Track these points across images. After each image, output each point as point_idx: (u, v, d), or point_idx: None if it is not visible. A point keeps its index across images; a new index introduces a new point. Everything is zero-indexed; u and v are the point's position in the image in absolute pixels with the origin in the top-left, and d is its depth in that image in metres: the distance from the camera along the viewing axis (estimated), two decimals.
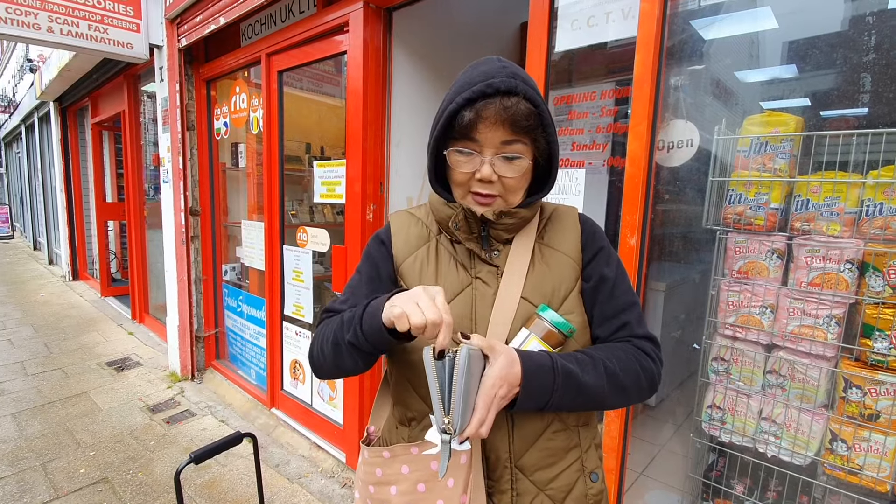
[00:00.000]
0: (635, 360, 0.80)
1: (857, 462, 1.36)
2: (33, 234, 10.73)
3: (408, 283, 0.87)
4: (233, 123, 3.41)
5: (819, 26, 1.61)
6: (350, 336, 0.76)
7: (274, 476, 2.58)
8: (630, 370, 0.79)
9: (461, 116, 0.75)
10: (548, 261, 0.85)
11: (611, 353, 0.80)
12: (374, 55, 2.29)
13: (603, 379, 0.76)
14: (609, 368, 0.77)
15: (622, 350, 0.81)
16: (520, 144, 0.77)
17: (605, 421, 1.59)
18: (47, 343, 4.58)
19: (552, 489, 0.83)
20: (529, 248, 0.85)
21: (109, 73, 4.94)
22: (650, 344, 0.85)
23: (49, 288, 6.91)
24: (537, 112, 0.76)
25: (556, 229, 0.89)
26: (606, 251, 0.88)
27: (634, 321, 0.85)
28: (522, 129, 0.76)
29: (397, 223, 0.93)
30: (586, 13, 1.61)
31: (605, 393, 0.76)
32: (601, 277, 0.85)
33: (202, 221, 3.73)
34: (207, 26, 3.13)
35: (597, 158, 2.36)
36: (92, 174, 6.36)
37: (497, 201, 0.82)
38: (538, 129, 0.77)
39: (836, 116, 1.55)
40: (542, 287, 0.83)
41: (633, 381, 0.79)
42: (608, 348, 0.81)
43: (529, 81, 0.77)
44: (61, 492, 2.42)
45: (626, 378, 0.78)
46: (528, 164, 0.79)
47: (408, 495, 0.81)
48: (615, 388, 0.77)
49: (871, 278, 1.33)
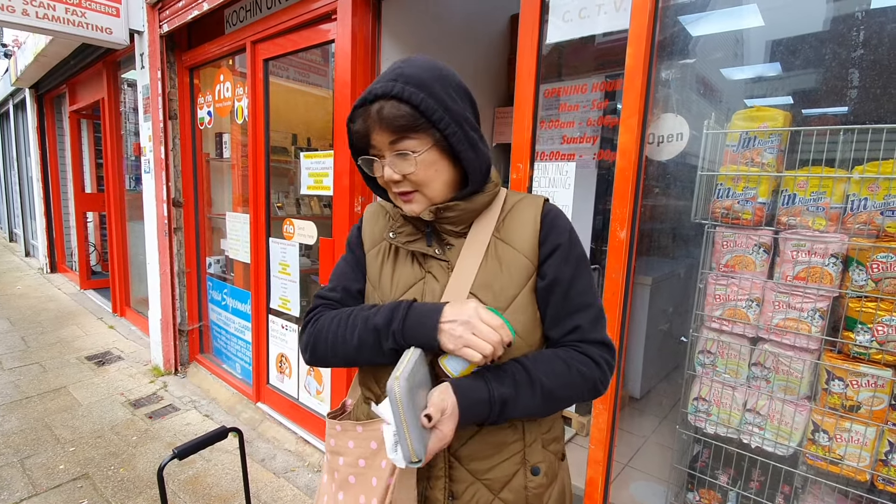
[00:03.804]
0: (577, 373, 0.79)
1: (839, 452, 1.39)
2: (9, 226, 10.42)
3: (369, 274, 0.93)
4: (217, 113, 3.34)
5: (804, 24, 1.62)
6: (390, 343, 0.78)
7: (260, 471, 2.55)
8: (568, 384, 0.79)
9: (353, 128, 0.81)
10: (501, 256, 0.83)
11: (550, 367, 0.79)
12: (363, 44, 2.25)
13: (538, 398, 0.77)
14: (545, 387, 0.77)
15: (564, 361, 0.80)
16: (409, 141, 0.77)
17: (594, 413, 1.60)
18: (24, 337, 4.46)
19: (489, 479, 0.84)
20: (485, 242, 0.84)
21: (88, 60, 4.79)
22: (600, 349, 0.83)
23: (26, 280, 6.72)
24: (413, 109, 0.74)
25: (515, 222, 0.85)
26: (565, 249, 0.82)
27: (587, 324, 0.83)
28: (402, 128, 0.76)
29: (368, 214, 0.99)
30: (578, 5, 1.60)
31: (539, 410, 0.79)
32: (555, 277, 0.82)
33: (185, 213, 3.65)
34: (190, 12, 3.04)
35: (587, 152, 2.36)
36: (70, 164, 6.18)
37: (416, 196, 0.82)
38: (423, 125, 0.75)
39: (818, 115, 1.57)
40: (493, 284, 0.82)
41: (569, 394, 0.80)
42: (550, 360, 0.80)
43: (413, 78, 0.75)
44: (40, 488, 2.36)
45: (562, 391, 0.79)
46: (427, 157, 0.78)
47: (351, 468, 0.87)
48: (550, 403, 0.79)
49: (855, 272, 1.36)
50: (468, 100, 0.83)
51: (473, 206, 0.83)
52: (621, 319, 1.55)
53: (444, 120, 0.75)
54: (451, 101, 0.77)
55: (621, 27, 1.49)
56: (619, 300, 1.53)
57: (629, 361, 2.53)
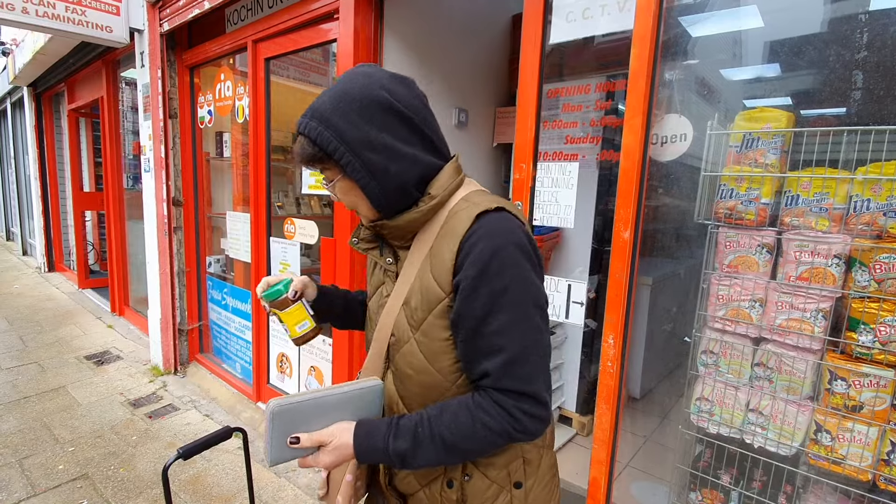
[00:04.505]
0: (481, 426, 0.74)
1: (841, 452, 1.40)
2: (6, 224, 10.36)
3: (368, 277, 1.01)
4: (217, 112, 3.33)
5: (806, 25, 1.63)
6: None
7: (261, 470, 2.55)
8: (471, 437, 0.75)
9: None
10: (422, 276, 0.80)
11: (454, 420, 0.75)
12: (365, 44, 2.25)
13: (441, 451, 0.75)
14: (447, 441, 0.75)
15: (470, 412, 0.75)
16: (326, 171, 0.82)
17: (597, 413, 1.60)
18: (22, 336, 4.44)
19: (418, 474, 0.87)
20: (423, 255, 0.81)
21: (87, 58, 4.78)
22: (516, 400, 0.74)
23: (23, 280, 6.70)
24: (314, 145, 0.77)
25: (443, 239, 0.79)
26: (475, 281, 0.73)
27: (497, 371, 0.73)
28: (311, 163, 0.81)
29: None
30: (582, 5, 1.60)
31: (445, 460, 0.78)
32: (460, 313, 0.75)
33: (185, 212, 3.64)
34: (191, 10, 3.03)
35: (589, 152, 2.36)
36: (68, 162, 6.15)
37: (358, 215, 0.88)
38: (326, 157, 0.78)
39: (817, 116, 1.57)
40: (411, 301, 0.81)
41: (474, 446, 0.76)
42: (455, 411, 0.76)
43: (317, 112, 0.77)
44: (38, 489, 2.35)
45: (466, 444, 0.75)
46: (342, 185, 0.82)
47: None
48: (455, 454, 0.77)
49: (858, 273, 1.36)
50: (378, 117, 0.76)
51: (401, 223, 0.81)
52: (624, 320, 1.56)
53: (338, 151, 0.76)
54: (351, 128, 0.75)
55: (625, 28, 1.49)
56: (623, 300, 1.53)
57: (630, 362, 2.54)
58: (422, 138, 0.80)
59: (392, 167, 0.77)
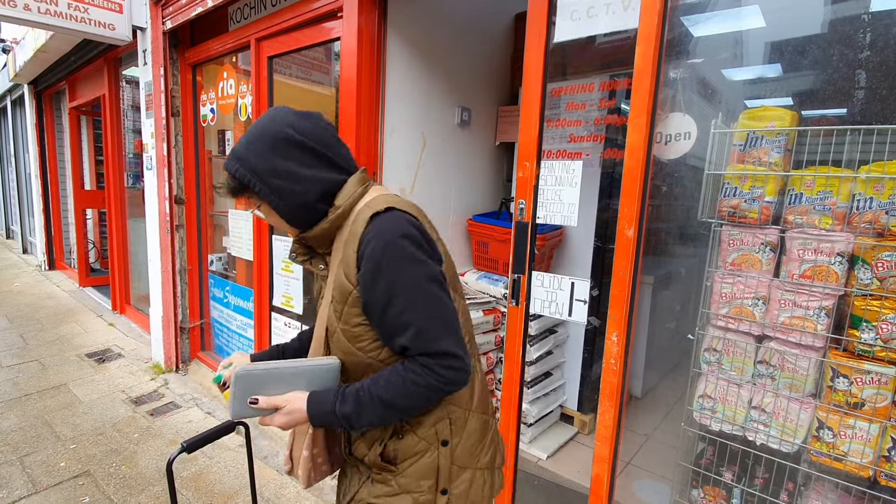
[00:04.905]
0: (410, 383, 0.87)
1: (843, 449, 1.41)
2: (6, 222, 10.35)
3: None
4: (220, 110, 3.33)
5: (810, 26, 1.64)
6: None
7: (262, 468, 2.55)
8: (404, 394, 0.88)
9: None
10: (338, 273, 0.93)
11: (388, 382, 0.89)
12: (369, 43, 2.25)
13: (381, 409, 0.88)
14: (384, 399, 0.88)
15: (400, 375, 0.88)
16: (252, 199, 0.97)
17: (600, 410, 1.61)
18: (23, 334, 4.44)
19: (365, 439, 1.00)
20: (339, 257, 0.95)
21: (89, 56, 4.77)
22: (434, 358, 0.87)
23: (24, 278, 6.69)
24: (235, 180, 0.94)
25: (348, 241, 0.92)
26: (372, 275, 0.87)
27: (412, 342, 0.87)
28: (237, 194, 0.97)
29: None
30: (586, 4, 1.60)
31: (389, 418, 0.92)
32: (366, 301, 0.89)
33: (188, 210, 3.64)
34: (194, 8, 3.04)
35: (592, 151, 2.37)
36: (69, 161, 6.14)
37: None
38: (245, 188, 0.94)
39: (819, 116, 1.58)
40: (332, 297, 0.94)
41: (410, 402, 0.89)
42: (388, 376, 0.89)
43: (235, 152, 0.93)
44: (40, 486, 2.35)
45: (402, 401, 0.88)
46: (264, 209, 0.97)
47: None
48: (395, 411, 0.90)
49: (860, 271, 1.37)
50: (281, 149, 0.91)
51: (316, 233, 0.96)
52: (628, 318, 1.56)
53: (251, 181, 0.92)
54: (261, 161, 0.91)
55: (630, 26, 1.50)
56: (627, 297, 1.54)
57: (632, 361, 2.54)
58: (321, 160, 0.94)
59: (297, 188, 0.92)
